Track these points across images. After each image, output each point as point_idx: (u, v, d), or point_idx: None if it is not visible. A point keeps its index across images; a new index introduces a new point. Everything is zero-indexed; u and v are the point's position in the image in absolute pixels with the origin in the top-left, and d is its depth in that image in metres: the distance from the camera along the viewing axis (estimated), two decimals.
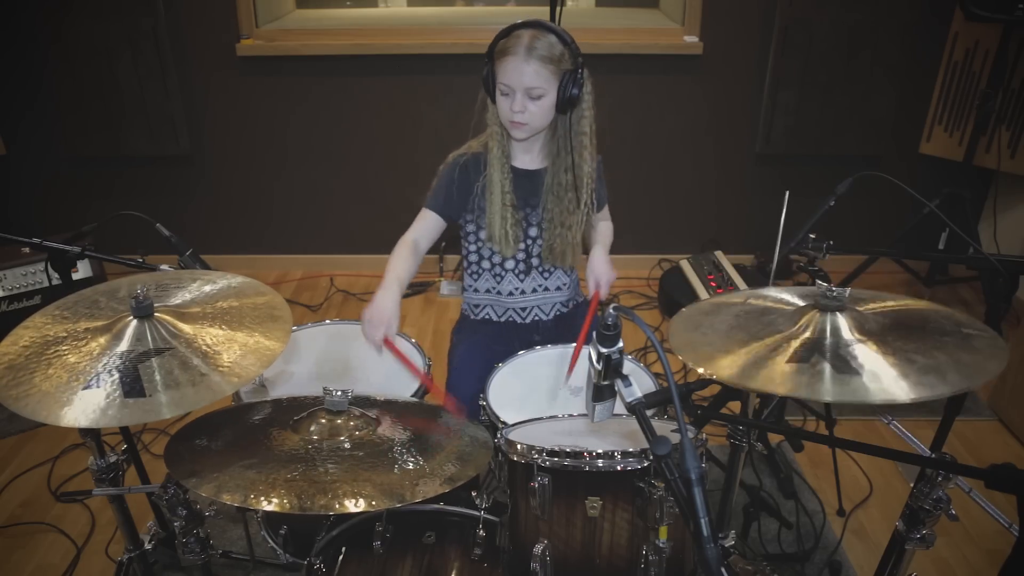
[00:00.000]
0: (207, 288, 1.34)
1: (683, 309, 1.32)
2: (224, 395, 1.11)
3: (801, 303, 1.23)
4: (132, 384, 1.09)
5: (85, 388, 1.08)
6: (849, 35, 2.99)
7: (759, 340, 1.15)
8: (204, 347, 1.17)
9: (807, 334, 1.14)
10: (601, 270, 1.79)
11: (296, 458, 1.17)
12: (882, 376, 1.04)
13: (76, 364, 1.12)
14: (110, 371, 1.11)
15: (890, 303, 1.23)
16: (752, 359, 1.11)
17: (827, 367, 1.06)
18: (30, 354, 1.15)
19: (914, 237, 3.05)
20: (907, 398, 1.00)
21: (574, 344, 1.77)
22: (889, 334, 1.12)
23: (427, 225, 1.73)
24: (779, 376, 1.06)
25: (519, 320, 1.89)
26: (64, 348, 1.16)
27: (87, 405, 1.06)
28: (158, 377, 1.11)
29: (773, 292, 1.32)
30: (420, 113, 3.22)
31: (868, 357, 1.07)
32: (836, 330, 1.13)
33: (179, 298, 1.29)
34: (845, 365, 1.06)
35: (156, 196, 3.41)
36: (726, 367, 1.11)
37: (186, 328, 1.20)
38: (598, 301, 1.75)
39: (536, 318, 1.89)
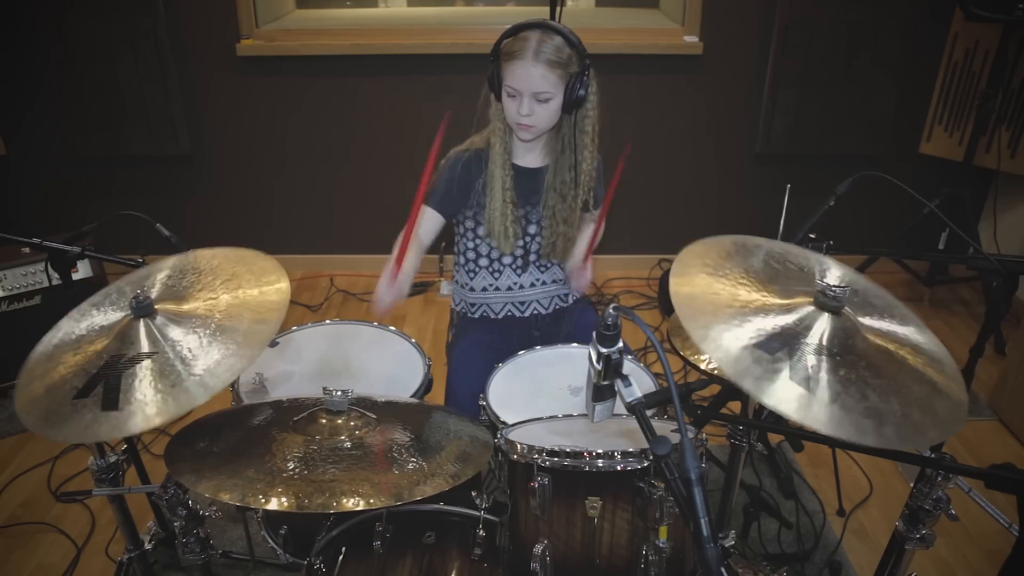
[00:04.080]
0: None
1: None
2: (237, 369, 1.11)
3: (808, 286, 1.18)
4: (110, 396, 1.08)
5: (76, 398, 1.08)
6: (849, 35, 2.99)
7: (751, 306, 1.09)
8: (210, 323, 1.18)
9: (790, 322, 1.07)
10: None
11: (295, 458, 1.17)
12: (824, 400, 0.98)
13: (79, 364, 1.13)
14: (99, 377, 1.11)
15: (891, 327, 1.16)
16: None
17: (785, 369, 1.01)
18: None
19: (914, 237, 3.06)
20: (829, 432, 0.94)
21: (574, 344, 1.77)
22: (864, 359, 1.05)
23: (427, 222, 1.73)
24: (738, 359, 1.01)
25: (518, 314, 1.89)
26: (74, 349, 1.17)
27: (81, 420, 1.07)
28: (148, 381, 1.10)
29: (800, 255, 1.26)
30: (420, 113, 3.21)
31: (827, 375, 1.01)
32: (820, 333, 1.07)
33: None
34: (802, 374, 1.00)
35: (156, 196, 3.41)
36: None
37: (188, 308, 1.20)
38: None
39: (535, 312, 1.89)
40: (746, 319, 1.08)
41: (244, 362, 1.12)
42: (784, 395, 0.98)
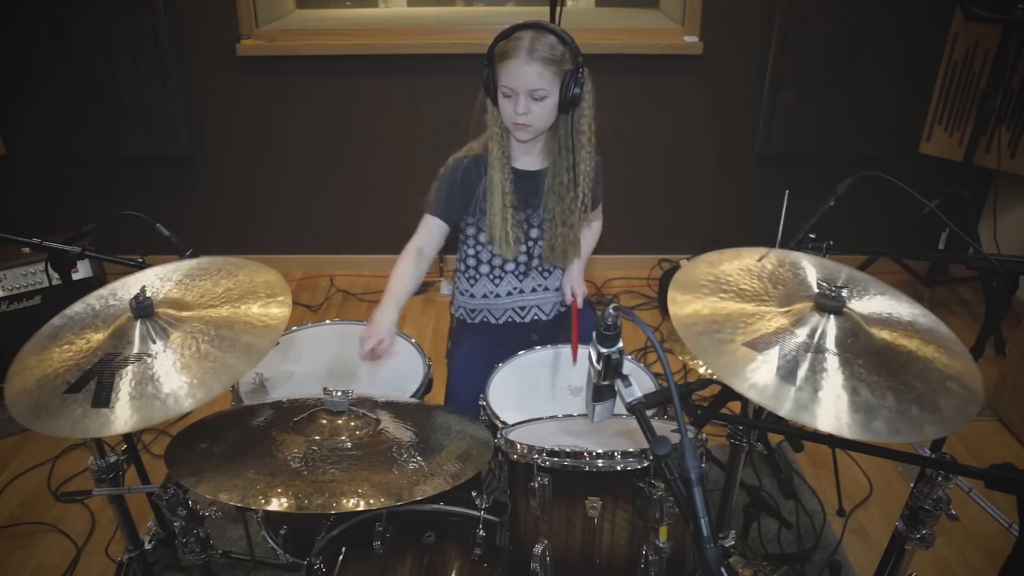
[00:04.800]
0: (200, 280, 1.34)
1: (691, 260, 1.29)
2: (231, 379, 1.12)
3: (808, 291, 1.20)
4: (101, 393, 1.08)
5: (68, 392, 1.08)
6: (849, 35, 2.99)
7: (745, 329, 1.11)
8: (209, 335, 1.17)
9: (798, 333, 1.09)
10: (577, 282, 1.84)
11: (295, 458, 1.17)
12: (833, 402, 1.00)
13: (72, 359, 1.13)
14: (92, 374, 1.11)
15: (890, 330, 1.16)
16: (737, 355, 1.06)
17: (800, 377, 1.02)
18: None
19: (914, 237, 3.06)
20: (843, 433, 0.96)
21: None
22: (868, 357, 1.07)
23: (431, 231, 1.73)
24: (759, 379, 1.03)
25: (518, 320, 1.89)
26: (68, 347, 1.17)
27: (71, 414, 1.07)
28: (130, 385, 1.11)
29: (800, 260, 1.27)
30: (420, 113, 3.22)
31: (834, 377, 1.03)
32: (824, 335, 1.09)
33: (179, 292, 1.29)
34: (789, 369, 1.02)
35: (156, 196, 3.41)
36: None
37: (188, 315, 1.20)
38: (576, 308, 1.80)
39: (535, 317, 1.89)
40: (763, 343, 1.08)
41: (213, 393, 1.12)
42: (798, 405, 0.99)
